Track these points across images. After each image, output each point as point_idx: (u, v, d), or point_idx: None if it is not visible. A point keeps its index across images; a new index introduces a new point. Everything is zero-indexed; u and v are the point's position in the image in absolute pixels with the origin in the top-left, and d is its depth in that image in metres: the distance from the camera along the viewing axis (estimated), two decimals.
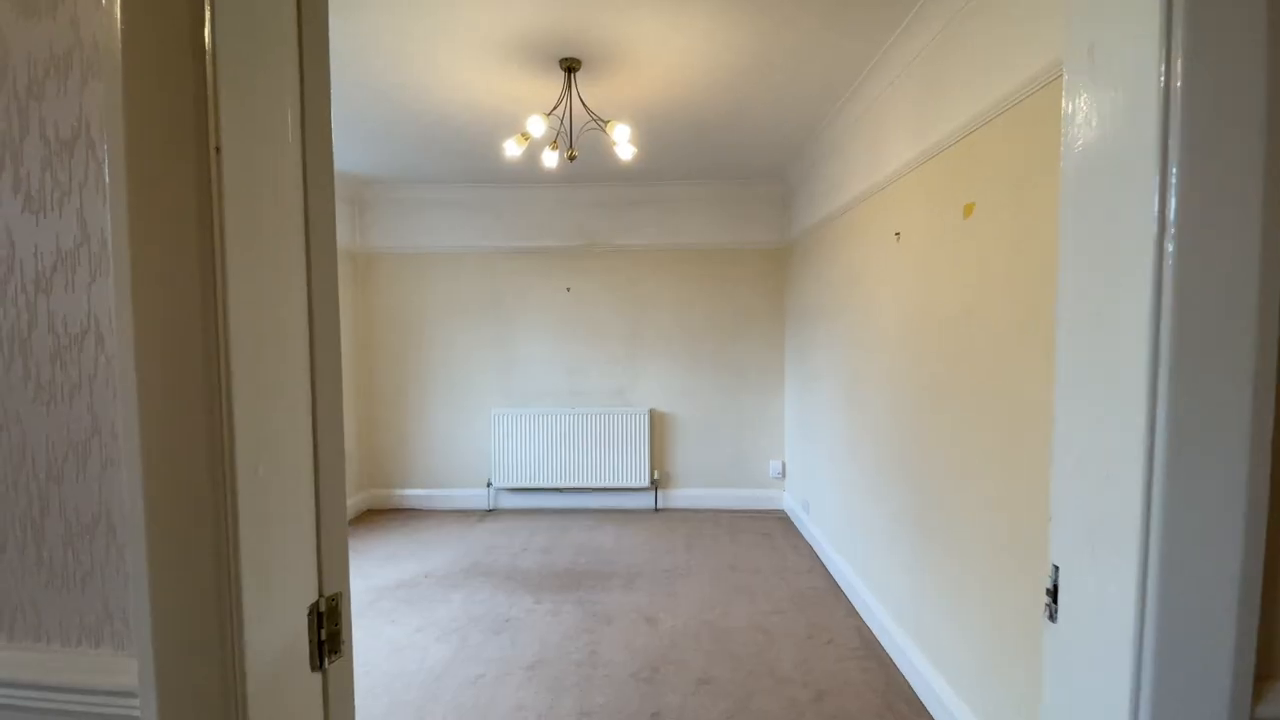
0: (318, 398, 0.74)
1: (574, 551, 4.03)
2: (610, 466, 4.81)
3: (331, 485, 0.76)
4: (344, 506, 0.79)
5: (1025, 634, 1.74)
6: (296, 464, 0.71)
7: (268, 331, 0.66)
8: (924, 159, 2.36)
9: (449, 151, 3.93)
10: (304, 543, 0.73)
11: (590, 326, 4.90)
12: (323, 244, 0.74)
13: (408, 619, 3.14)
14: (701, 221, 4.78)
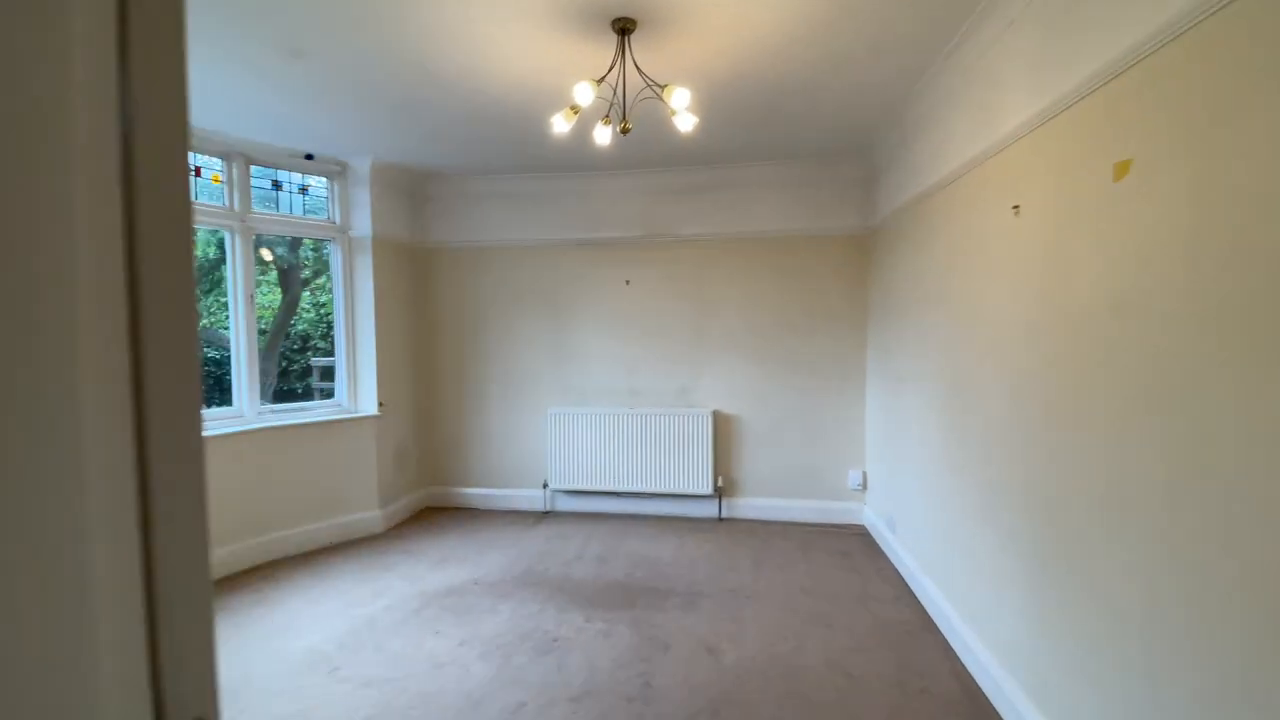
0: (150, 407, 0.46)
1: (630, 563, 3.75)
2: (671, 471, 4.50)
3: (180, 551, 0.49)
4: (208, 585, 0.52)
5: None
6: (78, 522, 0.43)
7: None
8: (1056, 110, 1.90)
9: (504, 138, 3.73)
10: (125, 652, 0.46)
11: (651, 322, 4.60)
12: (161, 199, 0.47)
13: (452, 631, 2.95)
14: (773, 207, 4.37)
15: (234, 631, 2.97)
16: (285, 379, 7.45)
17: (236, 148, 3.75)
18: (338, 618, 3.10)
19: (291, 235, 4.32)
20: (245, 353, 3.87)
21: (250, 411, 3.89)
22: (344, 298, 4.33)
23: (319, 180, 4.25)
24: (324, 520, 4.11)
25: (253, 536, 3.76)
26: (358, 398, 4.38)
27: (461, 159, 4.22)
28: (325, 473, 4.11)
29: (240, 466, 3.69)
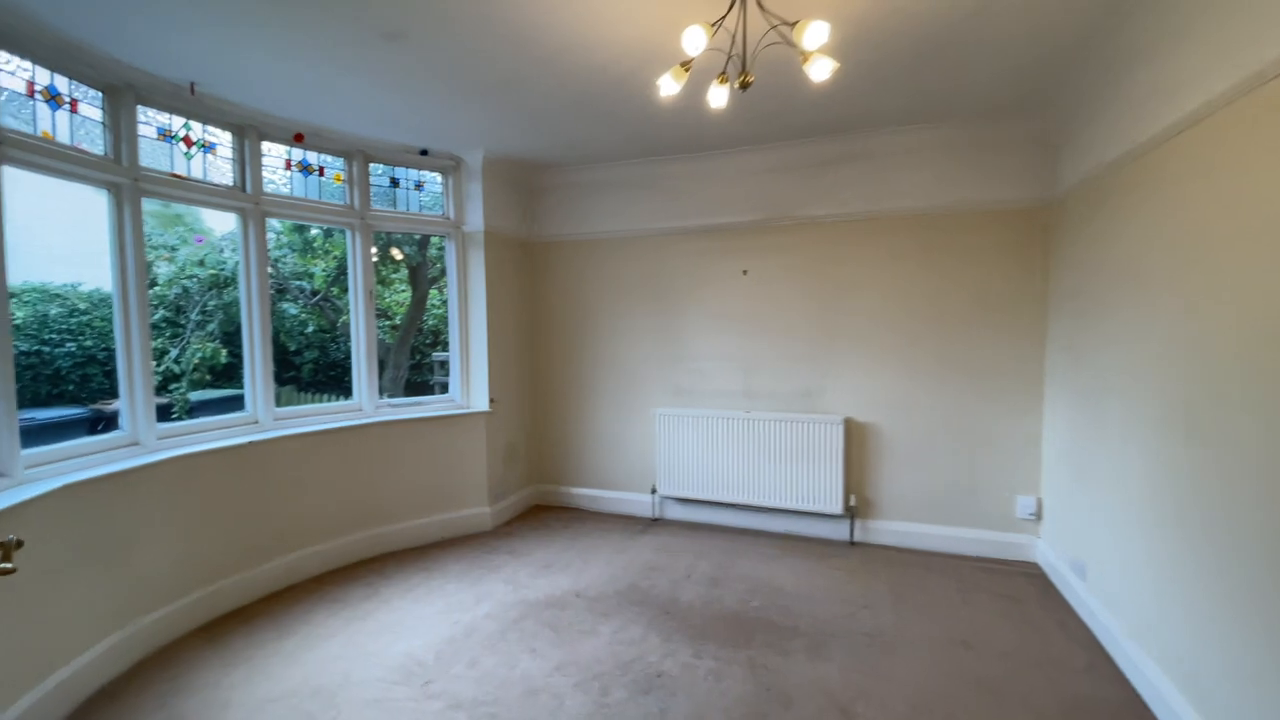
0: None
1: (746, 588, 3.33)
2: (793, 485, 3.99)
3: None
4: None
5: None
6: None
7: None
8: None
9: (609, 117, 3.44)
10: None
11: (771, 316, 4.12)
12: None
13: (549, 651, 2.72)
14: (922, 178, 3.71)
15: (343, 625, 2.95)
16: (418, 371, 7.84)
17: (356, 145, 3.80)
18: (439, 622, 2.98)
19: (408, 231, 4.35)
20: (364, 348, 3.93)
21: (369, 406, 3.95)
22: (458, 293, 4.30)
23: (434, 176, 4.24)
24: (435, 515, 4.10)
25: (367, 528, 3.80)
26: (470, 393, 4.34)
27: (568, 146, 4.00)
28: (438, 468, 4.10)
29: (357, 459, 3.74)
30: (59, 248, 6.00)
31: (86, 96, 2.63)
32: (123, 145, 2.77)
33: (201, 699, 2.38)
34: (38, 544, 2.19)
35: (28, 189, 2.63)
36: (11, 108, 2.33)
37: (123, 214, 2.81)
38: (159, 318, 6.55)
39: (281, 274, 7.01)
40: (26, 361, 5.50)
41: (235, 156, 3.35)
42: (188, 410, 6.24)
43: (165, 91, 2.90)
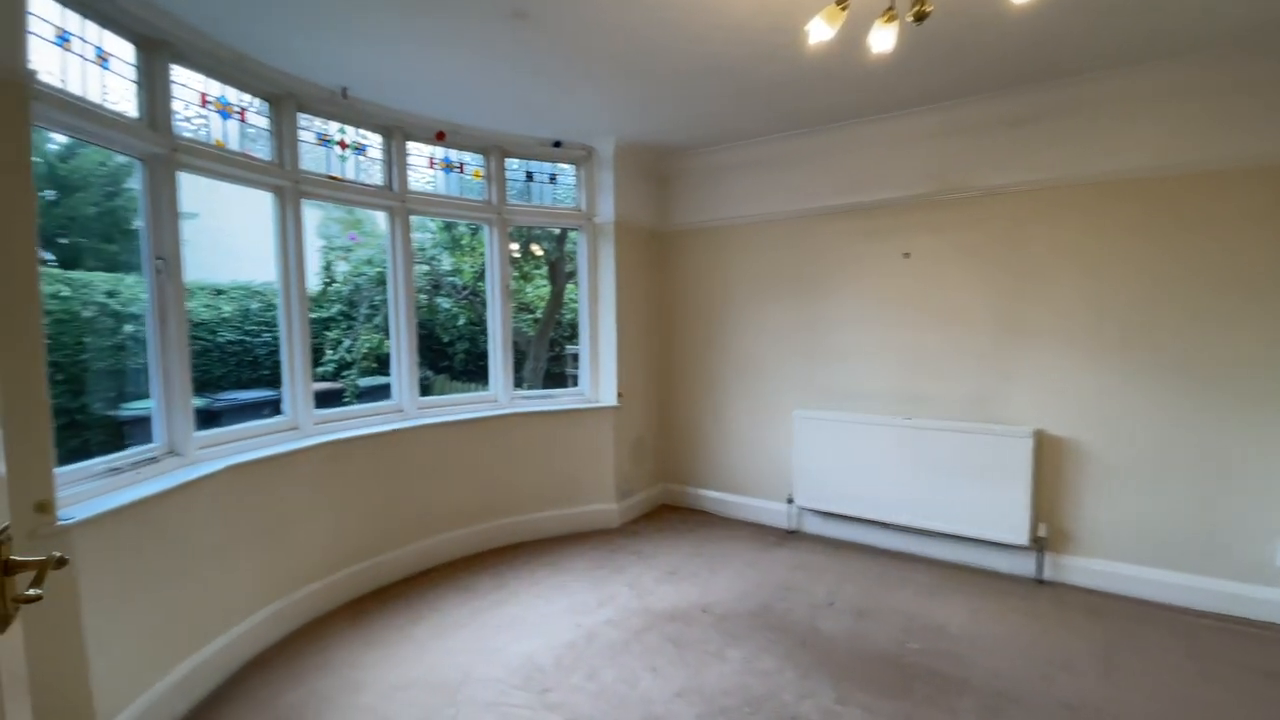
0: None
1: (901, 624, 2.85)
2: (964, 507, 3.39)
3: None
4: None
5: None
6: None
7: None
8: None
9: (750, 83, 3.10)
10: None
11: (937, 305, 3.53)
12: None
13: (671, 671, 2.49)
14: (1146, 133, 2.94)
15: (470, 616, 2.97)
16: (556, 363, 8.05)
17: (493, 141, 3.83)
18: (561, 623, 2.89)
19: (541, 225, 4.35)
20: (500, 341, 3.98)
21: (504, 397, 4.00)
22: (588, 285, 4.22)
23: (567, 168, 4.19)
24: (563, 509, 4.06)
25: (498, 518, 3.84)
26: (599, 387, 4.25)
27: (701, 125, 3.72)
28: (566, 461, 4.05)
29: (490, 450, 3.79)
30: (261, 249, 6.96)
31: (253, 106, 2.84)
32: (285, 150, 2.97)
33: (338, 679, 2.47)
34: (203, 519, 2.38)
35: (240, 198, 2.91)
36: (187, 118, 2.55)
37: (285, 215, 3.01)
38: (335, 311, 7.32)
39: (436, 271, 7.52)
40: (232, 350, 6.38)
41: (384, 157, 3.50)
42: (357, 395, 6.89)
43: (321, 98, 3.06)
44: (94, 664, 1.83)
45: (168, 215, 2.43)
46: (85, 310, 5.07)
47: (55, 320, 4.95)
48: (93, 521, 1.86)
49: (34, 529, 1.68)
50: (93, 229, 5.93)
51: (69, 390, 4.89)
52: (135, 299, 3.99)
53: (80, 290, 5.07)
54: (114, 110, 2.15)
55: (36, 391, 1.71)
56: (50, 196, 7.22)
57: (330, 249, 7.54)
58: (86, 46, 2.05)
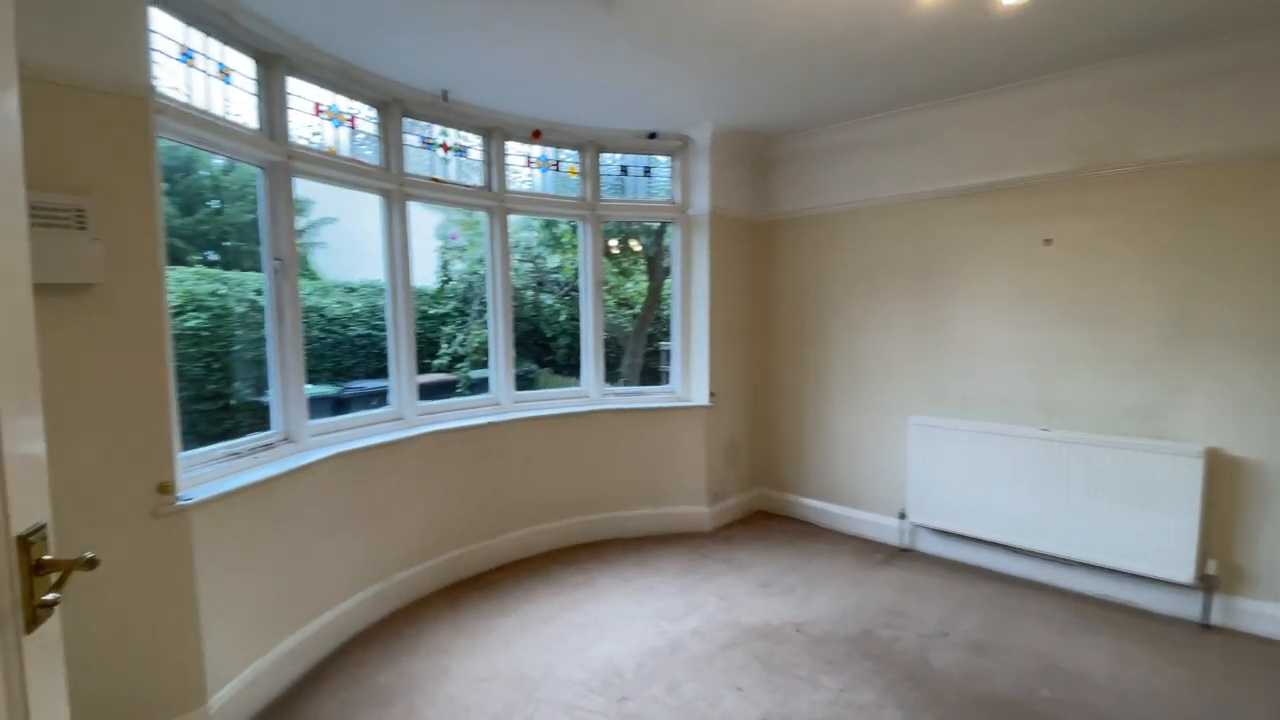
0: None
1: (1028, 667, 2.48)
2: (1112, 533, 2.90)
3: None
4: None
5: None
6: None
7: None
8: None
9: (857, 56, 2.82)
10: None
11: (1084, 301, 3.04)
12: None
13: (758, 694, 2.33)
14: None
15: (556, 611, 2.97)
16: (654, 359, 8.03)
17: (588, 137, 3.81)
18: (645, 628, 2.81)
19: (634, 219, 4.29)
20: (592, 337, 3.97)
21: (595, 393, 3.98)
22: (680, 280, 4.10)
23: (663, 161, 4.08)
24: (653, 508, 3.98)
25: (588, 513, 3.83)
26: (690, 385, 4.12)
27: (803, 105, 3.46)
28: (656, 460, 3.97)
29: (581, 445, 3.79)
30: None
31: (362, 113, 2.99)
32: (391, 154, 3.11)
33: (428, 663, 2.55)
34: (311, 502, 2.54)
35: (372, 201, 3.09)
36: (300, 127, 2.72)
37: (392, 216, 3.16)
38: (450, 308, 7.75)
39: (541, 268, 7.74)
40: (361, 343, 6.95)
41: (483, 158, 3.58)
42: (469, 386, 7.25)
43: (424, 102, 3.17)
44: (207, 633, 1.99)
45: (284, 218, 2.61)
46: (238, 306, 5.70)
47: (213, 315, 5.60)
48: (210, 502, 2.02)
49: (155, 508, 1.84)
50: (248, 233, 6.62)
51: (224, 378, 5.53)
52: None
53: (235, 288, 5.71)
54: (235, 121, 2.32)
55: (160, 382, 1.87)
56: (214, 205, 8.23)
57: (446, 249, 8.00)
58: (209, 62, 2.23)
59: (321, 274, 9.15)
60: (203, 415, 5.28)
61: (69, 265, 1.67)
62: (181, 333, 5.19)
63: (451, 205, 3.66)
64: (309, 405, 2.71)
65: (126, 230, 1.79)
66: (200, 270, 6.03)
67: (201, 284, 5.54)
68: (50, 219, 1.63)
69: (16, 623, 0.66)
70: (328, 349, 6.83)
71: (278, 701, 2.30)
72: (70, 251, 1.67)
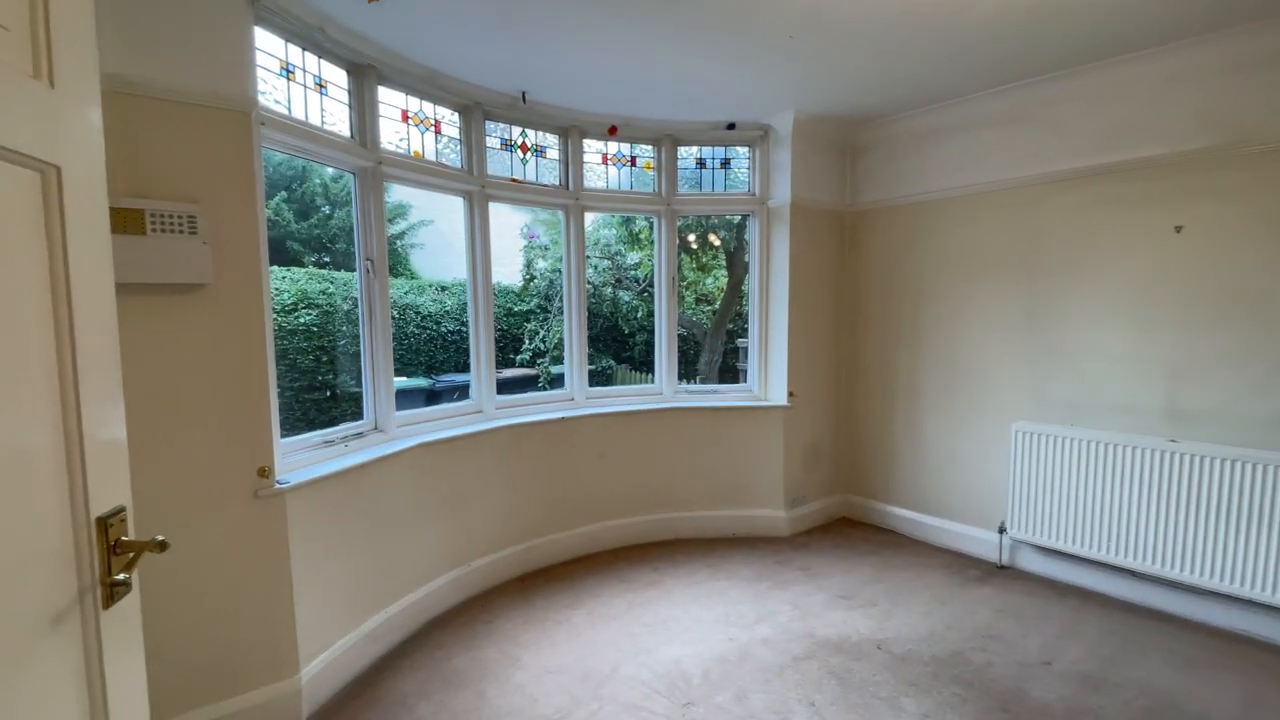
0: None
1: (1145, 705, 2.20)
2: (1250, 559, 2.52)
3: None
4: None
5: None
6: None
7: None
8: None
9: (951, 29, 2.60)
10: None
11: (1223, 296, 2.65)
12: None
13: (831, 712, 2.21)
14: None
15: (625, 609, 2.96)
16: (734, 356, 7.90)
17: (664, 131, 3.77)
18: (714, 633, 2.75)
19: (710, 213, 4.21)
20: (666, 334, 3.93)
21: (668, 390, 3.95)
22: (759, 275, 3.97)
23: (742, 152, 3.97)
24: (727, 510, 3.90)
25: (660, 511, 3.81)
26: (768, 385, 3.99)
27: (894, 87, 3.24)
28: (731, 461, 3.88)
29: (653, 442, 3.77)
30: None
31: (445, 118, 3.11)
32: (474, 157, 3.21)
33: (499, 651, 2.62)
34: (396, 489, 2.68)
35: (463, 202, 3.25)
36: (389, 133, 2.86)
37: (474, 216, 3.26)
38: (534, 305, 7.98)
39: (619, 265, 7.79)
40: (452, 338, 7.30)
41: (560, 157, 3.63)
42: (549, 380, 7.43)
43: (503, 104, 3.26)
44: (300, 609, 2.14)
45: (375, 221, 2.75)
46: (344, 304, 6.14)
47: (322, 312, 6.05)
48: (304, 486, 2.17)
49: (256, 490, 2.00)
50: (354, 236, 7.05)
51: (330, 369, 5.97)
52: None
53: (342, 288, 6.15)
54: (330, 130, 2.47)
55: (261, 373, 2.02)
56: (326, 211, 8.87)
57: (530, 248, 8.23)
58: (306, 75, 2.39)
59: (419, 273, 9.72)
60: (313, 403, 5.75)
61: (183, 267, 1.84)
62: (295, 328, 5.68)
63: (530, 205, 3.74)
64: (403, 397, 2.86)
65: (233, 234, 1.95)
66: (311, 271, 6.56)
67: (312, 283, 6.02)
68: (167, 225, 1.80)
69: (96, 599, 0.72)
70: (422, 344, 7.24)
71: (362, 676, 2.44)
72: (184, 254, 1.83)
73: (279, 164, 7.88)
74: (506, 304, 7.96)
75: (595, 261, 7.63)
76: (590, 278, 7.54)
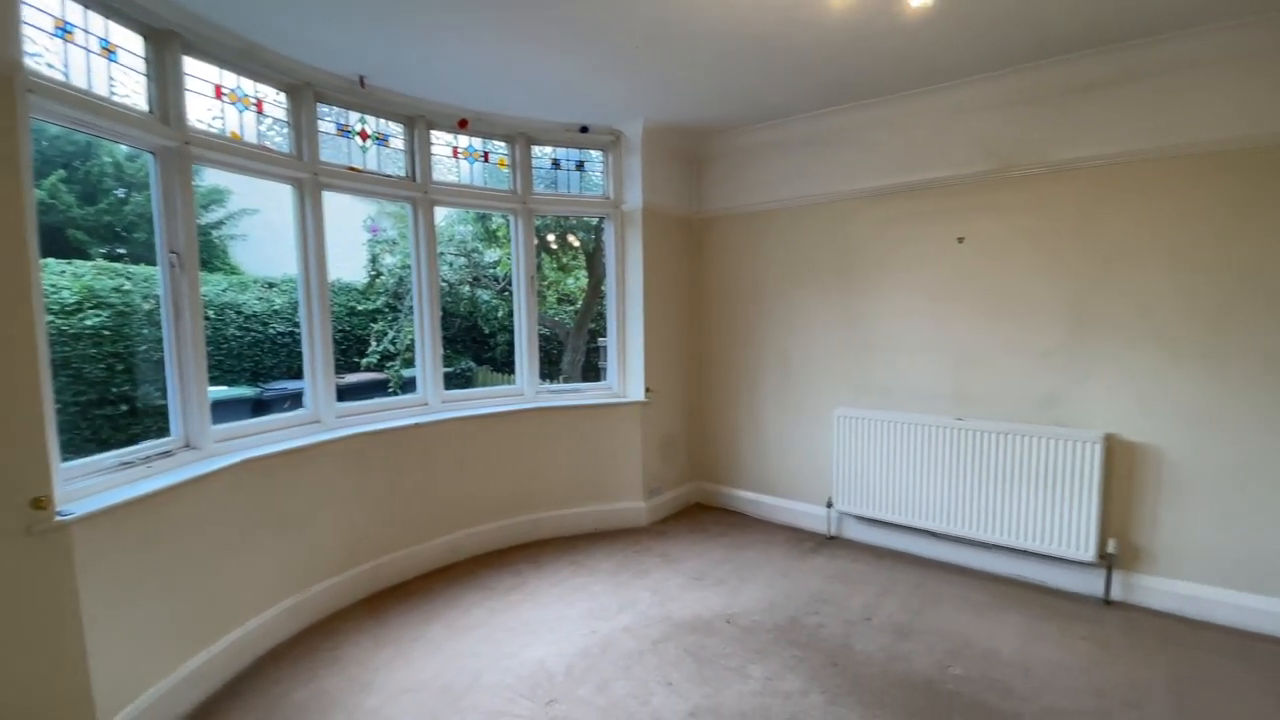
0: None
1: (945, 647, 2.60)
2: (1022, 517, 3.08)
3: None
4: None
5: None
6: None
7: None
8: None
9: (782, 54, 2.86)
10: None
11: (995, 297, 3.20)
12: None
13: (687, 688, 2.34)
14: (1239, 97, 2.54)
15: (486, 617, 2.89)
16: (597, 355, 7.98)
17: (518, 128, 3.73)
18: (577, 628, 2.78)
19: (567, 214, 4.23)
20: (526, 334, 3.89)
21: (530, 391, 3.91)
22: (615, 277, 4.07)
23: (596, 155, 4.04)
24: (590, 506, 3.95)
25: (523, 513, 3.77)
26: (626, 382, 4.10)
27: (733, 103, 3.49)
28: (593, 458, 3.94)
29: (516, 444, 3.71)
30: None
31: (270, 97, 2.81)
32: (304, 142, 2.94)
33: (347, 677, 2.43)
34: (217, 513, 2.38)
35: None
36: (201, 110, 2.54)
37: (304, 207, 2.99)
38: (381, 303, 7.46)
39: (476, 263, 7.54)
40: (283, 341, 6.60)
41: (406, 147, 3.44)
42: (400, 385, 7.00)
43: (339, 87, 3.02)
44: (95, 658, 1.83)
45: (181, 208, 2.42)
46: (145, 303, 5.29)
47: (117, 313, 5.17)
48: (94, 516, 1.86)
49: (30, 525, 1.68)
50: (156, 226, 6.11)
51: (128, 379, 5.12)
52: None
53: (142, 284, 5.29)
54: (121, 103, 2.14)
55: (31, 386, 1.70)
56: (120, 194, 7.59)
57: (376, 242, 7.68)
58: (90, 38, 2.04)
59: (241, 268, 8.65)
60: (107, 420, 4.89)
61: None
62: (80, 332, 4.80)
63: (372, 196, 3.51)
64: (224, 409, 2.55)
65: None
66: (101, 264, 5.57)
67: (103, 279, 5.12)
68: None
69: None
70: (246, 348, 6.45)
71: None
72: None
73: (55, 136, 6.61)
74: (349, 302, 7.37)
75: (450, 258, 7.31)
76: (445, 275, 7.22)
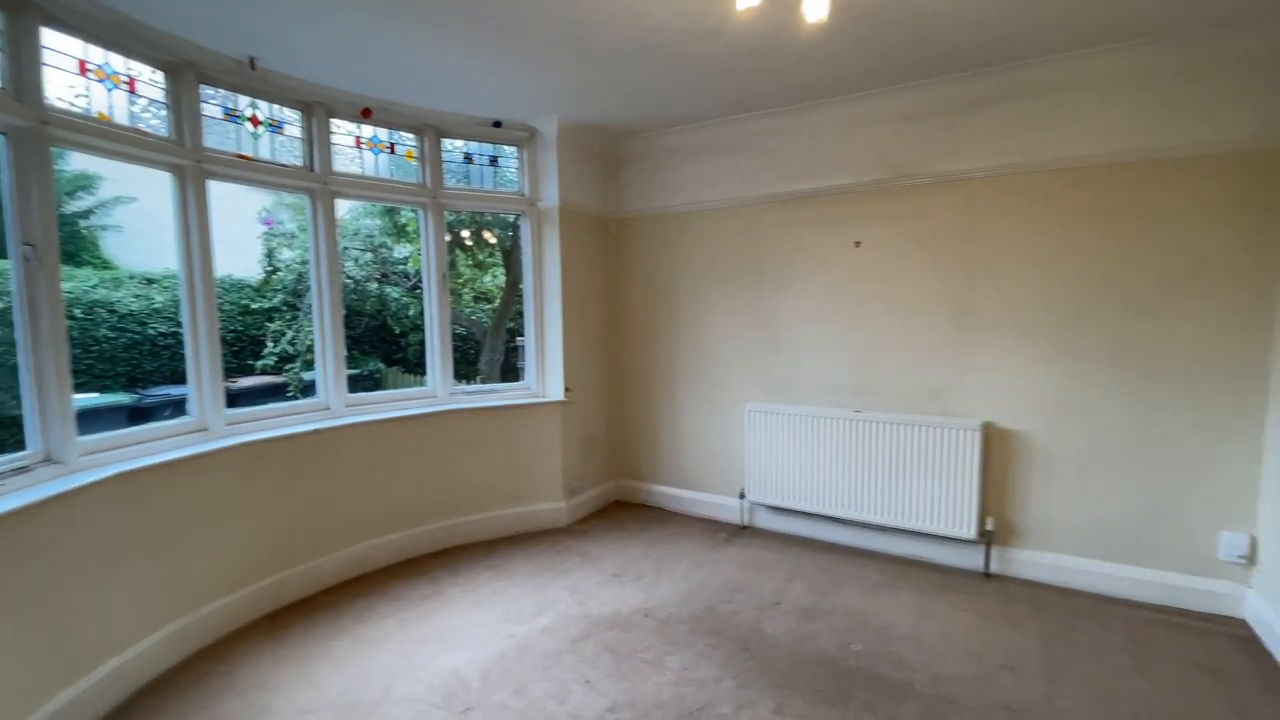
0: None
1: (846, 625, 2.77)
2: (913, 500, 3.33)
3: None
4: None
5: None
6: None
7: None
8: None
9: (690, 61, 2.93)
10: None
11: (889, 297, 3.44)
12: None
13: (605, 684, 2.36)
14: (1098, 120, 2.87)
15: (397, 628, 2.79)
16: (516, 355, 7.84)
17: (427, 120, 3.60)
18: (494, 633, 2.73)
19: (481, 210, 4.14)
20: (438, 333, 3.77)
21: (443, 393, 3.80)
22: (533, 275, 4.02)
23: (510, 151, 3.97)
24: (509, 508, 3.89)
25: (439, 519, 3.66)
26: (546, 381, 4.07)
27: (646, 106, 3.54)
28: (512, 459, 3.88)
29: (430, 448, 3.59)
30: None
31: (145, 75, 2.57)
32: (185, 125, 2.71)
33: (245, 701, 2.28)
34: (86, 533, 2.16)
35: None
36: (63, 88, 2.28)
37: (186, 196, 2.75)
38: (279, 301, 6.97)
39: (384, 259, 7.21)
40: (165, 343, 6.04)
41: (304, 135, 3.24)
42: (301, 389, 6.58)
43: (226, 68, 2.80)
44: None
45: (38, 194, 2.17)
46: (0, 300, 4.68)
47: None
48: None
49: None
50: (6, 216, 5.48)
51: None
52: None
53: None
54: None
55: None
56: None
57: (271, 235, 7.17)
58: None
59: (115, 262, 7.82)
60: None
61: None
62: None
63: (265, 186, 3.28)
64: (95, 418, 2.31)
65: None
66: None
67: None
68: None
69: None
70: (120, 351, 5.85)
71: None
72: None
73: None
74: (241, 300, 6.84)
75: (355, 254, 6.95)
76: (350, 271, 6.85)
